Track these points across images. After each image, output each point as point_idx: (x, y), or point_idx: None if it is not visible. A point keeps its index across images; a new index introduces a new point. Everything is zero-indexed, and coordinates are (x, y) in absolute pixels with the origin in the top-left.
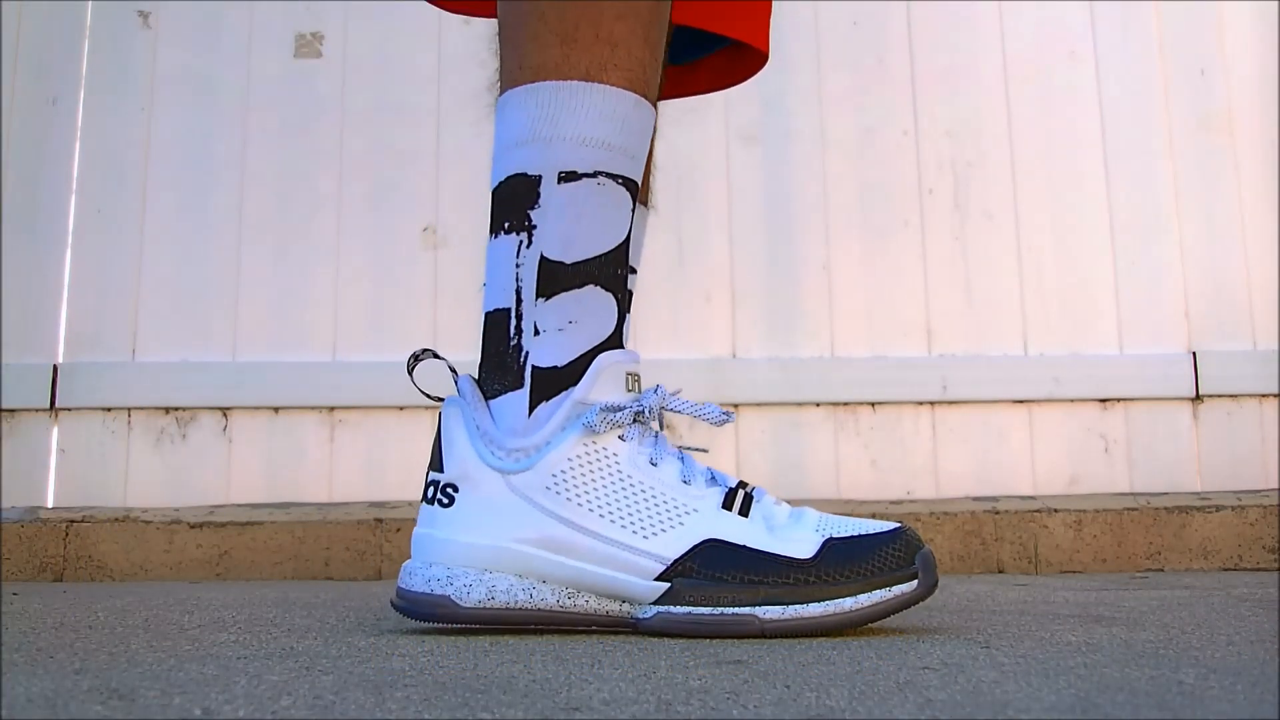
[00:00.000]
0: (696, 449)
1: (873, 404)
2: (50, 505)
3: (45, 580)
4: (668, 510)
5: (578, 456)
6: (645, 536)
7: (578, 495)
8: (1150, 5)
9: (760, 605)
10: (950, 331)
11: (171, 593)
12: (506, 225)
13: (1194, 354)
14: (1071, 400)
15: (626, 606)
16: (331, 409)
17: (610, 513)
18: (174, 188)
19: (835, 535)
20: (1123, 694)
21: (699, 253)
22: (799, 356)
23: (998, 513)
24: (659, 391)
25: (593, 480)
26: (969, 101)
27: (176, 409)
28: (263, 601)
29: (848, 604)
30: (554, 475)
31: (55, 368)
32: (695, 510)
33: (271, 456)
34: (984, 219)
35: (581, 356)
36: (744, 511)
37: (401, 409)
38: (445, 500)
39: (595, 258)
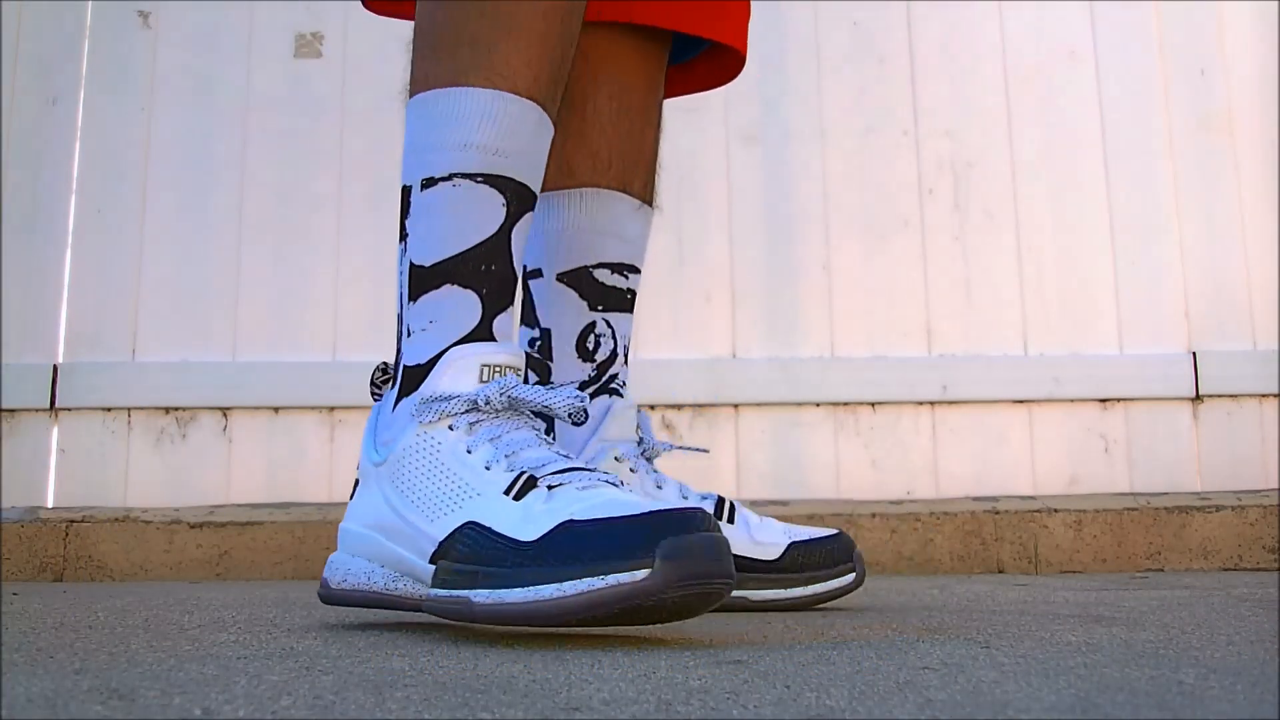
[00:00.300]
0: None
1: (873, 404)
2: (50, 505)
3: (45, 580)
4: (455, 494)
5: (411, 446)
6: (431, 520)
7: (404, 482)
8: (1150, 5)
9: (476, 588)
10: (950, 331)
11: (171, 593)
12: (398, 237)
13: (1194, 354)
14: (1071, 400)
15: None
16: (331, 409)
17: (418, 498)
18: (174, 188)
19: (577, 517)
20: (1123, 694)
21: (699, 253)
22: (799, 356)
23: (998, 513)
24: (503, 382)
25: (415, 468)
26: (969, 101)
27: (176, 409)
28: (263, 601)
29: (547, 591)
30: (396, 465)
31: (55, 368)
32: (478, 495)
33: (271, 456)
34: (984, 219)
35: (441, 353)
36: (520, 495)
37: None
38: (352, 494)
39: (451, 258)
